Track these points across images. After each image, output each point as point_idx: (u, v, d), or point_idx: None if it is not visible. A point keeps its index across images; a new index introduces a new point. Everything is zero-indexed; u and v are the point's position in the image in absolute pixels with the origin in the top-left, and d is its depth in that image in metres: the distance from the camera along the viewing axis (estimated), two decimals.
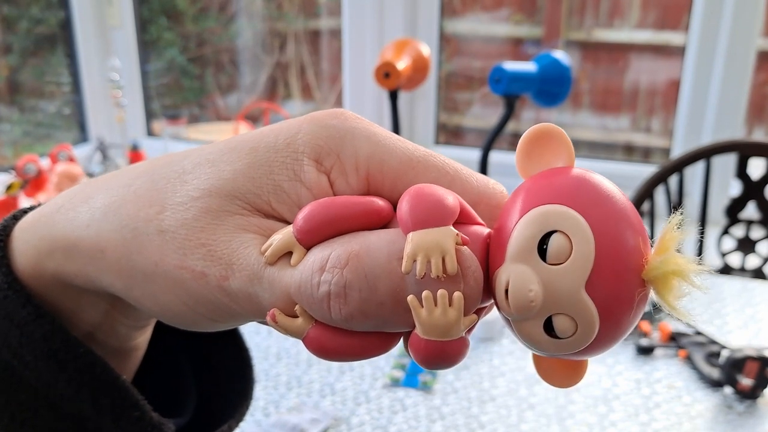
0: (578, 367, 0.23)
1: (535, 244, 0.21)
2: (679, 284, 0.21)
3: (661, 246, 0.21)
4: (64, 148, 1.76)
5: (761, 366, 0.74)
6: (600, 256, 0.20)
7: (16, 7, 2.00)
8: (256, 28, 2.23)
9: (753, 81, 1.55)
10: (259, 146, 0.24)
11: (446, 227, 0.21)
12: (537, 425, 0.72)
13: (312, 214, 0.22)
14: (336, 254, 0.21)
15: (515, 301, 0.20)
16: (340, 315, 0.21)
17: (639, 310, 0.21)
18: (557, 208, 0.21)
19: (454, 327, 0.21)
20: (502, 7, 1.97)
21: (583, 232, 0.20)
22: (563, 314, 0.20)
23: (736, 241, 1.31)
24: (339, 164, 0.23)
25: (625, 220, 0.21)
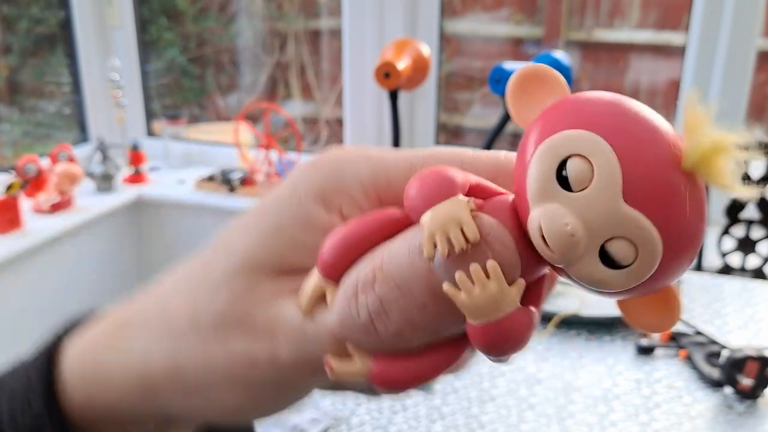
0: (668, 301, 0.21)
1: (553, 176, 0.19)
2: (724, 159, 0.19)
3: (690, 128, 0.19)
4: (64, 148, 1.76)
5: (761, 366, 0.74)
6: (626, 163, 0.18)
7: (16, 7, 2.00)
8: (256, 28, 2.23)
9: (753, 81, 1.55)
10: (265, 212, 0.24)
11: (455, 198, 0.20)
12: (537, 425, 0.72)
13: (329, 246, 0.22)
14: (363, 274, 0.21)
15: (555, 242, 0.18)
16: (389, 333, 0.21)
17: (697, 205, 0.19)
18: (561, 135, 0.19)
19: (500, 300, 0.19)
20: (502, 7, 1.97)
21: (597, 144, 0.19)
22: (614, 238, 0.18)
23: (736, 241, 1.31)
24: (346, 196, 0.23)
25: (640, 118, 0.19)
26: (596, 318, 0.89)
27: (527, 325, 0.20)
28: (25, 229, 1.57)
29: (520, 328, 0.20)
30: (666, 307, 0.21)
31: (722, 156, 0.19)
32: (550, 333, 0.89)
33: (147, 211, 1.89)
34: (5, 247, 1.48)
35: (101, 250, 1.82)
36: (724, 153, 0.19)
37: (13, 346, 1.66)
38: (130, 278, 1.94)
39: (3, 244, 1.50)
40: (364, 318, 0.21)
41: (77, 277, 1.75)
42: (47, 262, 1.64)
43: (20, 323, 1.59)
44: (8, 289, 1.55)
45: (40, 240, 1.55)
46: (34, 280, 1.61)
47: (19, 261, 1.54)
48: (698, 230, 0.19)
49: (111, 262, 1.86)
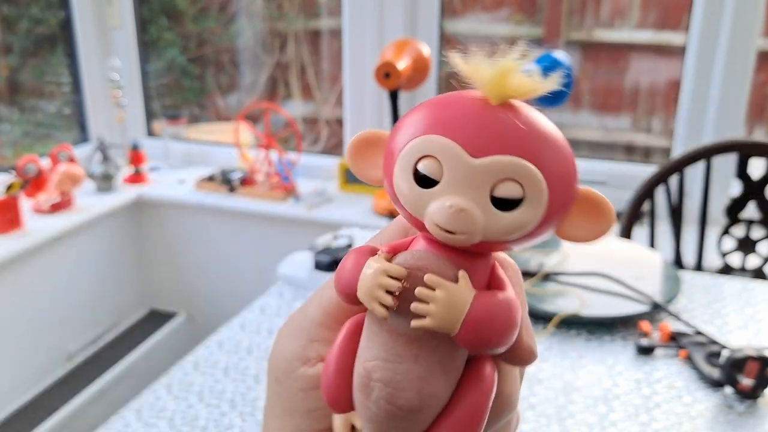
0: (598, 209, 0.22)
1: (415, 185, 0.21)
2: (512, 77, 0.21)
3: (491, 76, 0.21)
4: (64, 148, 1.76)
5: (761, 366, 0.74)
6: (451, 133, 0.21)
7: (16, 7, 2.00)
8: (256, 28, 2.23)
9: (753, 81, 1.55)
10: (272, 385, 0.26)
11: (367, 263, 0.22)
12: (537, 425, 0.72)
13: (324, 390, 0.24)
14: (357, 383, 0.22)
15: (453, 224, 0.20)
16: (413, 402, 0.22)
17: (527, 121, 0.21)
18: (399, 156, 0.22)
19: (456, 298, 0.21)
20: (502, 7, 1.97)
21: (424, 141, 0.21)
22: (494, 187, 0.20)
23: (736, 241, 1.31)
24: (312, 351, 0.26)
25: (437, 99, 0.22)
26: (596, 318, 0.89)
27: (499, 305, 0.21)
28: (25, 229, 1.57)
29: (492, 308, 0.21)
30: (598, 215, 0.22)
31: (509, 75, 0.21)
32: (549, 333, 0.89)
33: (147, 211, 1.89)
34: (5, 247, 1.48)
35: (101, 250, 1.82)
36: (509, 73, 0.21)
37: (13, 346, 1.67)
38: (130, 278, 1.94)
39: (3, 244, 1.50)
40: (387, 411, 0.22)
41: (77, 277, 1.75)
42: (47, 262, 1.64)
43: (20, 323, 1.59)
44: (8, 289, 1.55)
45: (40, 240, 1.55)
46: (34, 280, 1.61)
47: (19, 261, 1.54)
48: (543, 139, 0.21)
49: (111, 262, 1.86)
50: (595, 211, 0.22)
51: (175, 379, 0.80)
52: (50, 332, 1.67)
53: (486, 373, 0.23)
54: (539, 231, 0.21)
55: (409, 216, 0.22)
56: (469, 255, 0.22)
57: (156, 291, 1.99)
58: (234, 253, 1.85)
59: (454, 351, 0.22)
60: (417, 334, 0.21)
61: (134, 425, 0.72)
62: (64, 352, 1.72)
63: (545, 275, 1.00)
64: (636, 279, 0.98)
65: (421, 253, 0.22)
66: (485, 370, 0.23)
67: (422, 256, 0.22)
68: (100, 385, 1.65)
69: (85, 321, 1.78)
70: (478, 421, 0.22)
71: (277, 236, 1.76)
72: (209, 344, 0.87)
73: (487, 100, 0.21)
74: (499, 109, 0.21)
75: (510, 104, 0.21)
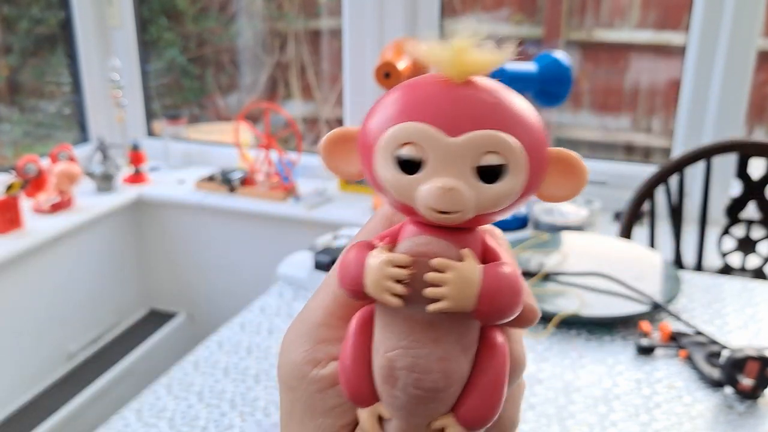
0: (573, 168, 0.23)
1: (400, 173, 0.22)
2: (470, 54, 0.22)
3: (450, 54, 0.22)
4: (64, 148, 1.76)
5: (761, 366, 0.74)
6: (423, 116, 0.21)
7: (16, 7, 2.00)
8: (256, 28, 2.23)
9: (753, 81, 1.55)
10: (287, 393, 0.27)
11: (368, 256, 0.22)
12: (537, 425, 0.72)
13: (344, 386, 0.24)
14: (381, 375, 0.23)
15: (446, 203, 0.21)
16: (438, 384, 0.22)
17: (493, 96, 0.22)
18: (377, 148, 0.22)
19: (466, 276, 0.21)
20: (502, 7, 1.97)
21: (401, 129, 0.21)
22: (486, 153, 0.21)
23: (736, 241, 1.31)
24: (320, 352, 0.26)
25: (403, 87, 0.22)
26: (596, 318, 0.89)
27: (505, 274, 0.22)
28: (25, 229, 1.57)
29: (501, 279, 0.22)
30: (572, 173, 0.23)
31: (466, 53, 0.21)
32: (549, 333, 0.89)
33: (147, 211, 1.89)
34: (5, 247, 1.48)
35: (101, 250, 1.82)
36: (465, 50, 0.21)
37: (14, 346, 1.67)
38: (130, 278, 1.94)
39: (3, 244, 1.50)
40: (414, 395, 0.22)
41: (77, 277, 1.75)
42: (47, 262, 1.64)
43: (20, 323, 1.59)
44: (8, 289, 1.55)
45: (40, 240, 1.55)
46: (34, 280, 1.61)
47: (19, 261, 1.54)
48: (512, 109, 0.22)
49: (111, 262, 1.86)
50: (569, 170, 0.23)
51: (175, 379, 0.80)
52: (50, 332, 1.67)
53: (499, 342, 0.23)
54: (524, 196, 0.23)
55: (398, 203, 0.22)
56: (460, 232, 0.23)
57: (156, 291, 1.99)
58: (234, 253, 1.85)
59: (469, 327, 0.23)
60: (433, 317, 0.22)
61: (134, 425, 0.72)
62: (64, 352, 1.72)
63: (545, 275, 1.00)
64: (636, 279, 0.98)
65: (422, 239, 0.22)
66: (498, 339, 0.24)
67: (424, 241, 0.22)
68: (100, 385, 1.65)
69: (85, 321, 1.78)
70: (500, 388, 0.23)
71: (277, 236, 1.76)
72: (209, 344, 0.87)
73: (451, 80, 0.22)
74: (464, 87, 0.22)
75: (473, 81, 0.22)
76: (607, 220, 1.63)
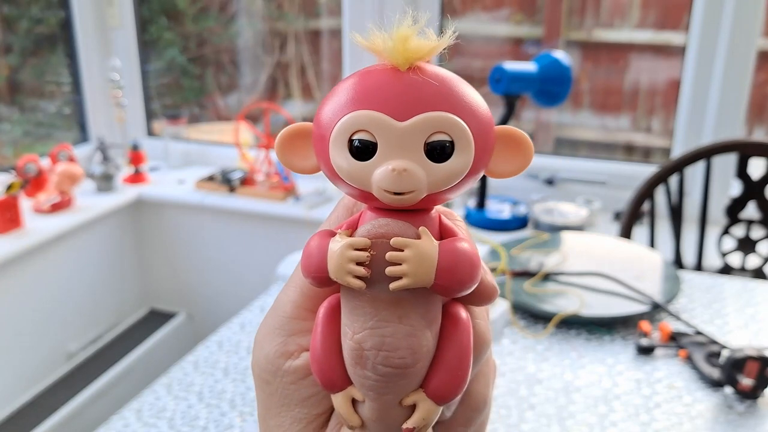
0: (519, 145, 0.24)
1: (352, 158, 0.22)
2: (411, 41, 0.23)
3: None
4: (64, 148, 1.76)
5: (761, 366, 0.74)
6: (372, 103, 0.22)
7: (16, 7, 2.00)
8: (256, 28, 2.23)
9: (753, 81, 1.55)
10: (262, 387, 0.27)
11: (330, 242, 0.23)
12: (537, 425, 0.72)
13: (316, 374, 0.25)
14: (351, 357, 0.23)
15: (398, 183, 0.22)
16: (406, 360, 0.23)
17: (441, 80, 0.23)
18: (332, 138, 0.23)
19: (424, 253, 0.22)
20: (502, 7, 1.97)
21: (354, 117, 0.22)
22: (427, 140, 0.22)
23: (736, 241, 1.31)
24: (292, 345, 0.26)
25: (352, 78, 0.24)
26: (596, 318, 0.89)
27: (461, 248, 0.23)
28: (25, 229, 1.57)
29: (458, 252, 0.23)
30: (518, 148, 0.24)
31: (408, 41, 0.22)
32: (549, 333, 0.89)
33: (147, 211, 1.89)
34: (5, 247, 1.48)
35: (101, 250, 1.82)
36: (407, 38, 0.22)
37: (14, 345, 1.67)
38: (130, 278, 1.94)
39: (3, 244, 1.50)
40: (383, 370, 0.23)
41: (77, 277, 1.75)
42: (47, 262, 1.64)
43: (20, 323, 1.59)
44: (8, 289, 1.55)
45: (40, 240, 1.55)
46: (34, 280, 1.61)
47: (19, 261, 1.54)
48: (455, 90, 0.23)
49: (111, 262, 1.86)
50: (515, 146, 0.24)
51: (175, 379, 0.80)
52: (50, 332, 1.67)
53: (462, 317, 0.25)
54: (473, 174, 0.23)
55: (355, 190, 0.23)
56: (417, 214, 0.24)
57: (156, 291, 1.99)
58: (234, 253, 1.85)
59: (431, 303, 0.24)
60: (396, 296, 0.23)
61: (134, 425, 0.72)
62: (64, 352, 1.72)
63: (545, 275, 1.00)
64: (636, 279, 0.98)
65: (380, 221, 0.23)
66: (461, 314, 0.25)
67: (382, 223, 0.23)
68: (100, 385, 1.65)
69: (85, 321, 1.78)
70: (466, 361, 0.24)
71: (277, 236, 1.76)
72: (209, 344, 0.87)
73: (396, 67, 0.23)
74: (409, 73, 0.23)
75: (417, 67, 0.23)
76: (607, 220, 1.63)
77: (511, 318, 0.91)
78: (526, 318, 0.92)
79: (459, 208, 1.69)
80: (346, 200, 0.27)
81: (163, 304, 1.99)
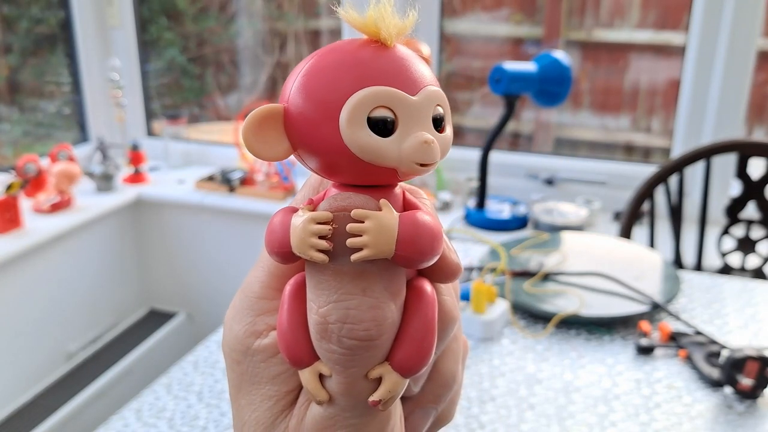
0: None
1: (367, 127, 0.22)
2: (385, 18, 0.23)
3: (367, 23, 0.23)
4: (64, 148, 1.76)
5: (761, 366, 0.74)
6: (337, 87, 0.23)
7: (16, 7, 2.00)
8: (256, 27, 2.23)
9: (753, 81, 1.55)
10: (233, 367, 0.27)
11: (293, 217, 0.23)
12: (537, 425, 0.72)
13: (283, 350, 0.25)
14: (316, 332, 0.23)
15: (425, 156, 0.23)
16: (370, 332, 0.23)
17: (403, 59, 0.23)
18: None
19: (383, 224, 0.22)
20: (502, 7, 1.97)
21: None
22: (436, 106, 0.23)
23: (736, 241, 1.31)
24: (261, 324, 0.27)
25: (322, 63, 0.23)
26: (596, 318, 0.89)
27: (422, 219, 0.23)
28: (25, 229, 1.57)
29: (418, 223, 0.23)
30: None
31: (382, 18, 0.23)
32: (549, 333, 0.89)
33: (147, 211, 1.89)
34: (5, 247, 1.48)
35: (101, 250, 1.82)
36: (382, 16, 0.23)
37: (13, 345, 1.66)
38: (130, 278, 1.94)
39: (3, 244, 1.50)
40: (348, 342, 0.23)
41: (77, 277, 1.75)
42: (47, 262, 1.64)
43: (20, 323, 1.59)
44: (8, 289, 1.55)
45: (40, 240, 1.55)
46: (33, 280, 1.61)
47: (19, 261, 1.54)
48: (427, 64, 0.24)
49: (111, 262, 1.86)
50: None
51: (175, 379, 0.80)
52: (50, 332, 1.67)
53: (426, 289, 0.25)
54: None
55: (327, 168, 0.23)
56: (381, 190, 0.24)
57: (156, 291, 1.99)
58: (234, 253, 1.85)
59: (395, 275, 0.24)
60: (359, 268, 0.23)
61: (134, 425, 0.72)
62: (64, 352, 1.72)
63: (545, 275, 1.00)
64: (636, 279, 0.98)
65: (341, 195, 0.23)
66: (425, 287, 0.25)
67: (343, 196, 0.23)
68: (100, 385, 1.65)
69: (84, 321, 1.78)
70: (431, 333, 0.24)
71: None
72: (209, 344, 0.87)
73: (381, 44, 0.23)
74: (399, 50, 0.24)
75: (397, 44, 0.24)
76: (607, 220, 1.63)
77: (511, 318, 0.91)
78: (525, 318, 0.92)
79: (459, 208, 1.69)
80: (313, 179, 0.27)
81: (163, 304, 1.99)
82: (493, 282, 0.94)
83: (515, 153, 1.83)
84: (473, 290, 0.87)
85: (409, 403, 0.27)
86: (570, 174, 1.72)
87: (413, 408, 0.27)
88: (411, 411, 0.27)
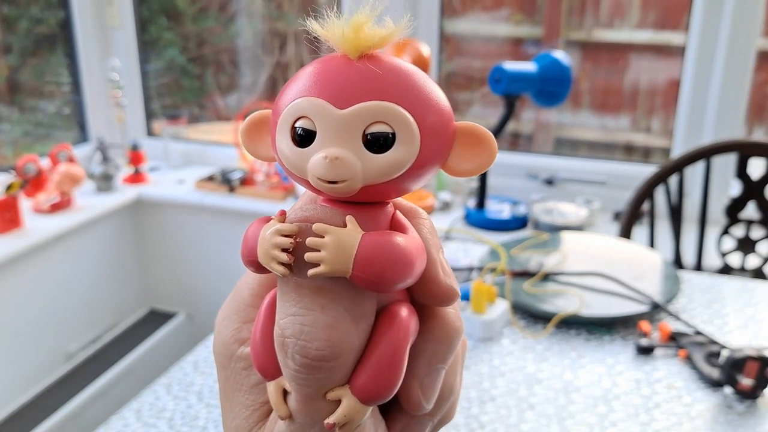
0: (482, 143, 0.23)
1: (294, 146, 0.22)
2: (362, 29, 0.22)
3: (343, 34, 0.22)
4: (64, 148, 1.76)
5: (761, 366, 0.74)
6: (316, 91, 0.22)
7: (16, 7, 2.00)
8: (256, 28, 2.23)
9: (753, 81, 1.55)
10: (220, 371, 0.27)
11: (262, 228, 0.23)
12: (537, 425, 0.72)
13: (254, 361, 0.25)
14: (276, 344, 0.23)
15: (329, 171, 0.21)
16: (325, 353, 0.22)
17: (391, 68, 0.22)
18: (279, 124, 0.23)
19: (344, 241, 0.22)
20: (502, 7, 1.97)
21: (295, 105, 0.22)
22: (365, 130, 0.22)
23: (736, 241, 1.31)
24: (246, 331, 0.27)
25: (304, 71, 0.23)
26: (596, 318, 0.89)
27: (387, 242, 0.22)
28: (25, 229, 1.57)
29: (381, 246, 0.22)
30: (481, 147, 0.24)
31: (362, 30, 0.22)
32: (549, 333, 0.89)
33: (147, 211, 1.89)
34: (5, 247, 1.48)
35: (101, 250, 1.82)
36: (361, 27, 0.22)
37: (13, 345, 1.66)
38: (130, 278, 1.94)
39: (3, 244, 1.50)
40: (300, 360, 0.22)
41: (77, 277, 1.75)
42: (47, 262, 1.64)
43: (20, 323, 1.59)
44: (8, 289, 1.55)
45: (40, 240, 1.55)
46: (33, 280, 1.61)
47: (19, 261, 1.54)
48: (405, 80, 0.23)
49: (111, 262, 1.86)
50: (476, 144, 0.24)
51: (175, 379, 0.80)
52: (50, 332, 1.67)
53: (400, 315, 0.23)
54: (422, 167, 0.23)
55: (296, 177, 0.23)
56: (362, 206, 0.23)
57: (156, 291, 1.99)
58: (234, 253, 1.85)
59: (360, 297, 0.23)
60: (319, 284, 0.22)
61: (134, 425, 0.72)
62: (64, 352, 1.72)
63: (545, 275, 1.00)
64: (636, 279, 0.98)
65: (308, 206, 0.23)
66: (400, 313, 0.23)
67: (309, 207, 0.23)
68: (99, 385, 1.65)
69: (84, 321, 1.78)
70: (397, 362, 0.23)
71: None
72: (209, 344, 0.87)
73: (347, 56, 0.22)
74: (359, 62, 0.22)
75: (370, 56, 0.22)
76: (606, 220, 1.63)
77: (511, 318, 0.91)
78: (525, 318, 0.92)
79: (459, 208, 1.69)
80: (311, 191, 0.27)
81: (163, 304, 1.99)
82: (493, 282, 0.94)
83: (515, 153, 1.83)
84: (473, 290, 0.87)
85: (405, 414, 0.26)
86: (570, 174, 1.72)
87: (409, 420, 0.26)
88: (407, 423, 0.26)
